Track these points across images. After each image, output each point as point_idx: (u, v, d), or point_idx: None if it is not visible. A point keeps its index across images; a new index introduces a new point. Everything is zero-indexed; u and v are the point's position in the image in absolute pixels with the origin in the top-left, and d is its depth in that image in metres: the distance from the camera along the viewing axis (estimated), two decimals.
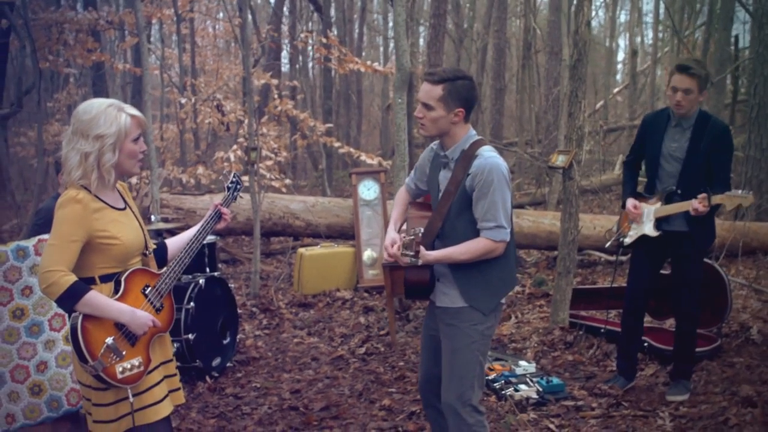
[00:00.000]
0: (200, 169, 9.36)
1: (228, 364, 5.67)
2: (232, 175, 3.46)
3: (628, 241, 4.79)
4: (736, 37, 13.47)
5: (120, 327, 2.77)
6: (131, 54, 16.09)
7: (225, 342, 5.66)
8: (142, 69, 6.60)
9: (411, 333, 6.44)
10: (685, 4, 17.07)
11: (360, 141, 21.35)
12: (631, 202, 4.75)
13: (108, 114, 2.79)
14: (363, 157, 9.91)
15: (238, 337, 5.95)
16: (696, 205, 4.28)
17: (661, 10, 20.94)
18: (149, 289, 2.90)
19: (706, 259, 5.86)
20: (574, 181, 5.89)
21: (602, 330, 5.76)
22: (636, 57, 21.41)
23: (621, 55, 28.42)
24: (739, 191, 4.29)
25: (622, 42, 28.03)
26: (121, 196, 2.99)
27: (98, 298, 2.71)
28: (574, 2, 13.74)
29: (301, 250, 8.00)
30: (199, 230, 3.15)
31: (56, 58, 11.31)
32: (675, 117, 4.58)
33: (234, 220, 8.29)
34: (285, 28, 17.80)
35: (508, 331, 6.28)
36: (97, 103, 2.84)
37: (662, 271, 5.06)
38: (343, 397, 5.07)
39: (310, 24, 20.65)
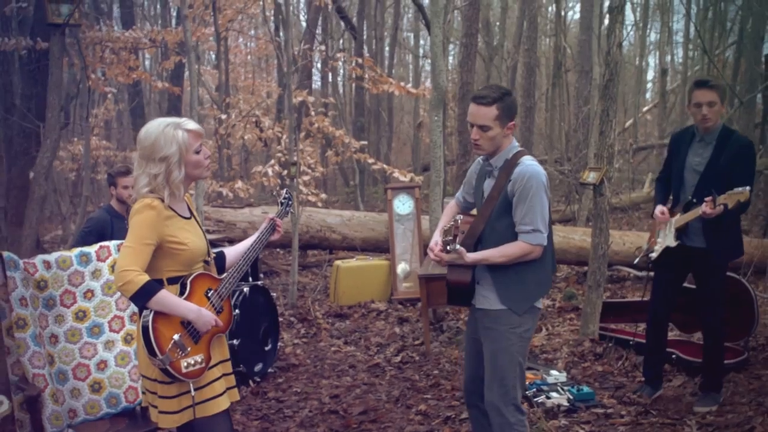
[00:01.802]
0: (239, 183, 9.65)
1: (269, 370, 5.90)
2: (285, 191, 3.73)
3: (654, 256, 4.95)
4: (767, 56, 13.54)
5: (185, 326, 3.00)
6: (164, 71, 16.45)
7: (267, 348, 5.90)
8: (191, 86, 6.88)
9: (445, 343, 6.64)
10: (715, 23, 17.16)
11: (390, 158, 21.62)
12: (659, 209, 4.91)
13: (166, 135, 3.02)
14: (396, 173, 10.12)
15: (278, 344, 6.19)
16: (704, 207, 4.39)
17: (692, 30, 21.05)
18: (211, 292, 3.14)
19: (733, 274, 6.02)
20: (605, 198, 6.08)
21: (631, 342, 5.93)
22: (666, 76, 21.50)
23: (651, 74, 28.48)
24: (739, 188, 4.38)
25: (652, 61, 28.08)
26: (188, 206, 3.24)
27: (169, 297, 2.95)
28: (605, 23, 13.94)
29: (338, 262, 8.26)
30: (255, 240, 3.41)
31: (98, 77, 11.68)
32: (699, 133, 4.73)
33: None
34: (316, 46, 18.13)
35: (539, 342, 6.45)
36: (154, 127, 3.06)
37: (687, 285, 5.22)
38: (381, 402, 5.28)
39: (341, 42, 20.97)
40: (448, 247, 3.29)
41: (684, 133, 4.93)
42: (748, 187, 4.31)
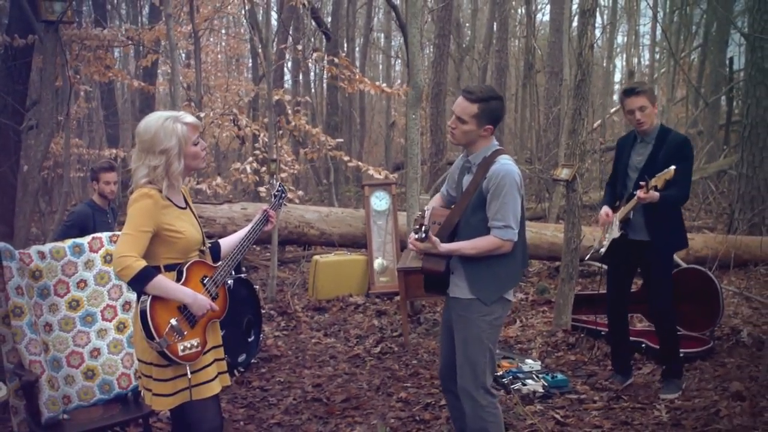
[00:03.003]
0: (218, 180, 9.75)
1: (252, 361, 6.04)
2: (278, 184, 3.87)
3: (603, 251, 5.15)
4: (731, 59, 13.90)
5: (182, 311, 3.13)
6: (137, 70, 16.41)
7: (250, 340, 6.03)
8: (173, 84, 7.00)
9: (422, 334, 6.82)
10: (681, 26, 17.54)
11: (362, 157, 21.76)
12: (603, 210, 5.15)
13: (166, 128, 3.14)
14: (371, 171, 10.26)
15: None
16: (638, 193, 4.66)
17: (658, 33, 21.44)
18: (207, 279, 3.28)
19: (700, 267, 6.27)
20: (577, 193, 6.29)
21: (602, 333, 6.15)
22: (633, 78, 21.84)
23: (618, 76, 28.91)
24: (665, 170, 4.62)
25: (619, 63, 28.52)
26: (184, 197, 3.38)
27: (166, 281, 3.08)
28: (574, 24, 14.20)
29: (316, 257, 8.42)
30: (249, 231, 3.55)
31: (73, 75, 11.67)
32: (640, 135, 5.01)
33: None
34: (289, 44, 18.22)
35: (513, 333, 6.65)
36: (153, 120, 3.18)
37: None
38: (362, 391, 5.44)
39: (313, 41, 21.08)
40: (416, 236, 3.48)
41: (627, 137, 5.21)
42: (673, 167, 4.57)
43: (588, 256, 5.66)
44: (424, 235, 3.47)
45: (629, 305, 5.45)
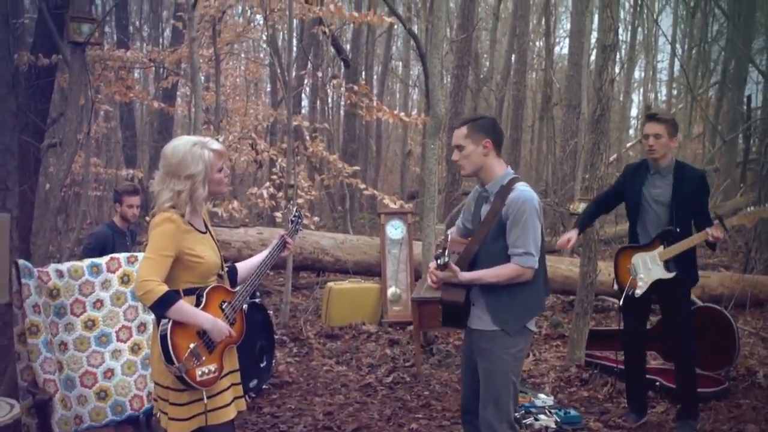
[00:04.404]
0: (234, 204, 9.80)
1: (264, 386, 6.02)
2: (294, 209, 3.89)
3: (639, 292, 5.00)
4: (749, 97, 13.87)
5: (201, 336, 3.14)
6: (158, 91, 16.56)
7: (262, 365, 6.02)
8: (195, 107, 7.07)
9: (435, 365, 6.79)
10: (699, 62, 17.57)
11: (377, 185, 21.80)
12: (569, 235, 5.19)
13: (194, 153, 3.17)
14: (386, 200, 10.28)
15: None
16: (712, 231, 4.64)
17: (676, 68, 21.50)
18: (225, 304, 3.28)
19: (716, 306, 6.23)
20: (594, 228, 6.27)
21: (616, 369, 6.09)
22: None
23: (635, 111, 28.94)
24: (750, 208, 4.71)
25: (636, 98, 28.56)
26: (204, 221, 3.40)
27: (187, 307, 3.09)
28: (593, 58, 14.23)
29: (330, 284, 8.43)
30: (266, 256, 3.55)
31: (95, 95, 11.77)
32: (653, 166, 4.97)
33: None
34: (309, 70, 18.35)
35: (526, 367, 6.60)
36: (182, 145, 3.20)
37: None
38: (373, 420, 5.40)
39: (332, 68, 21.22)
40: (438, 261, 3.45)
41: (639, 167, 5.15)
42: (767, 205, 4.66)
43: (621, 301, 5.38)
44: (446, 259, 3.44)
45: (646, 342, 5.41)
